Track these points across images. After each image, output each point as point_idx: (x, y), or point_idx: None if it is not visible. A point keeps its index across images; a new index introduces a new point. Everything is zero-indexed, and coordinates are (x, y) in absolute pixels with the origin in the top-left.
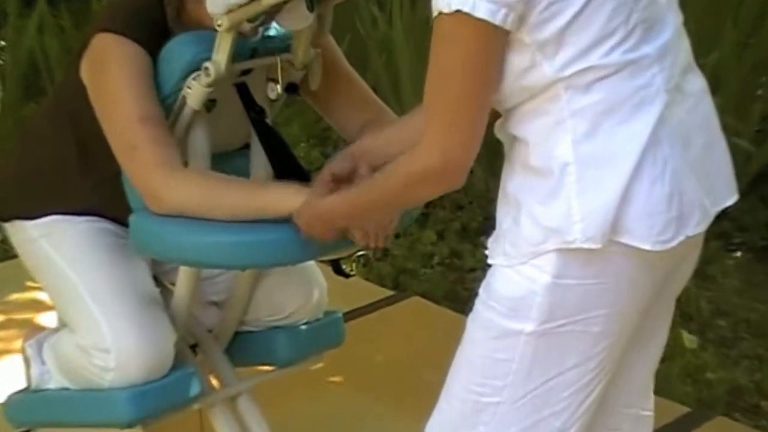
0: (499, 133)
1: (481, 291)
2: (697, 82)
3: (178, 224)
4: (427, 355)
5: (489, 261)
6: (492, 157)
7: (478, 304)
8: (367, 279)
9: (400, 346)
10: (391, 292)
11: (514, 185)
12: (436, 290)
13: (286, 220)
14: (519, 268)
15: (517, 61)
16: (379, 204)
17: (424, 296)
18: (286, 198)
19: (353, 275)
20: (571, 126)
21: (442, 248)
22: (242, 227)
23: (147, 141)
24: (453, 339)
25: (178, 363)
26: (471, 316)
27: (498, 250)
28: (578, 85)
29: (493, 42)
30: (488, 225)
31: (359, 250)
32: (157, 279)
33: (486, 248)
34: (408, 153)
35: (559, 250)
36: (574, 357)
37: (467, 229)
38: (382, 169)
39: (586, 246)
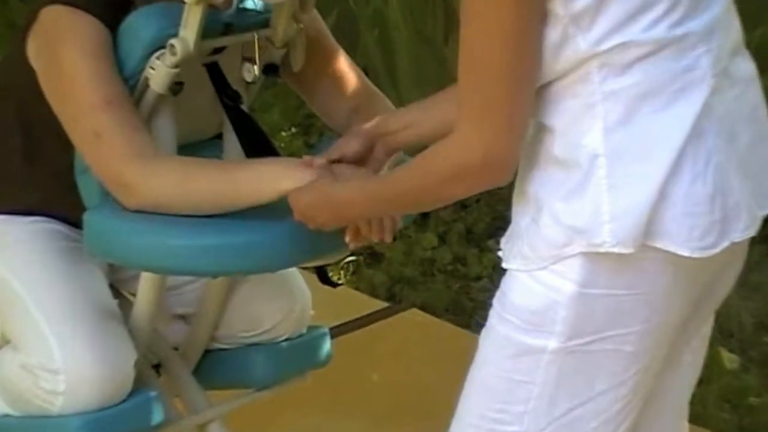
0: None
1: (495, 302)
2: (747, 67)
3: (141, 223)
4: (427, 375)
5: (504, 264)
6: None
7: (492, 318)
8: (357, 288)
9: (396, 366)
10: (385, 304)
11: (533, 180)
12: (437, 301)
13: (267, 221)
14: (538, 274)
15: (548, 35)
16: (406, 200)
17: (423, 308)
18: (275, 178)
19: (341, 284)
20: (603, 111)
21: (443, 253)
22: (215, 227)
23: (114, 126)
24: (457, 357)
25: (138, 386)
26: (484, 332)
27: (514, 251)
28: (614, 64)
29: (527, 7)
30: (496, 227)
31: (351, 254)
32: (114, 288)
33: (495, 251)
34: (440, 144)
35: (585, 254)
36: (605, 380)
37: (473, 231)
38: (413, 159)
39: (615, 250)
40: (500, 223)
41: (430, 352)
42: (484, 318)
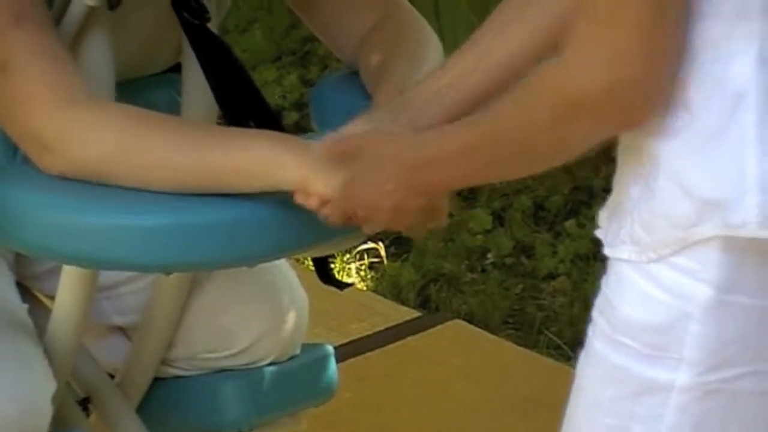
0: None
1: (597, 316)
2: None
3: (59, 193)
4: (476, 414)
5: (606, 251)
6: None
7: (596, 340)
8: (375, 291)
9: (431, 401)
10: (416, 313)
11: (648, 126)
12: (490, 310)
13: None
14: (656, 269)
15: None
16: (517, 147)
17: (470, 319)
18: (286, 156)
19: (351, 284)
20: (761, 29)
21: (500, 240)
22: (168, 201)
23: (26, 53)
24: (519, 389)
25: (59, 429)
26: (584, 359)
27: (621, 234)
28: None
29: None
30: (578, 200)
31: (367, 241)
32: (22, 288)
33: (576, 237)
34: (548, 64)
35: (724, 241)
36: None
37: (544, 208)
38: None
39: (763, 235)
40: (583, 195)
41: (480, 381)
42: (558, 334)
